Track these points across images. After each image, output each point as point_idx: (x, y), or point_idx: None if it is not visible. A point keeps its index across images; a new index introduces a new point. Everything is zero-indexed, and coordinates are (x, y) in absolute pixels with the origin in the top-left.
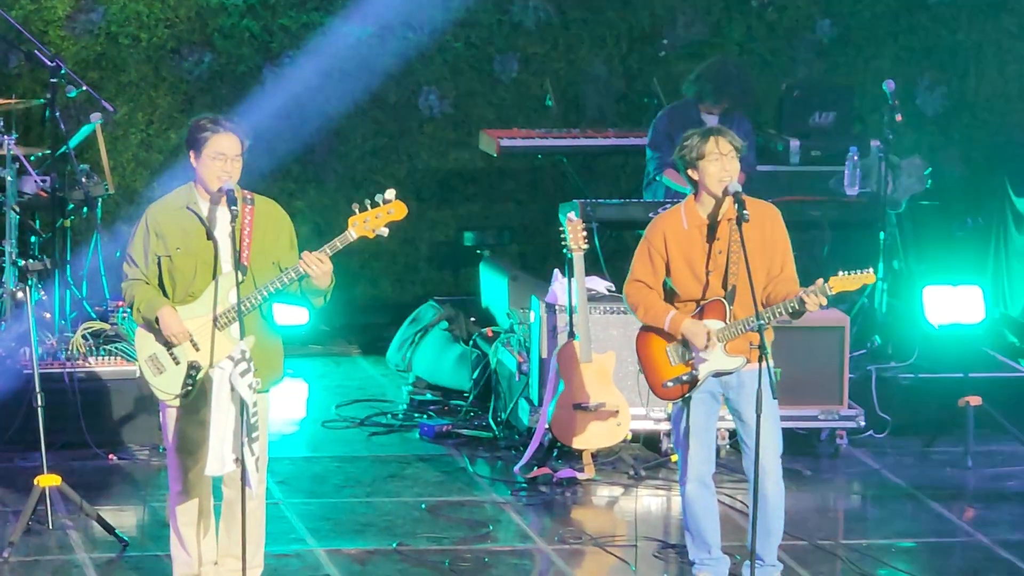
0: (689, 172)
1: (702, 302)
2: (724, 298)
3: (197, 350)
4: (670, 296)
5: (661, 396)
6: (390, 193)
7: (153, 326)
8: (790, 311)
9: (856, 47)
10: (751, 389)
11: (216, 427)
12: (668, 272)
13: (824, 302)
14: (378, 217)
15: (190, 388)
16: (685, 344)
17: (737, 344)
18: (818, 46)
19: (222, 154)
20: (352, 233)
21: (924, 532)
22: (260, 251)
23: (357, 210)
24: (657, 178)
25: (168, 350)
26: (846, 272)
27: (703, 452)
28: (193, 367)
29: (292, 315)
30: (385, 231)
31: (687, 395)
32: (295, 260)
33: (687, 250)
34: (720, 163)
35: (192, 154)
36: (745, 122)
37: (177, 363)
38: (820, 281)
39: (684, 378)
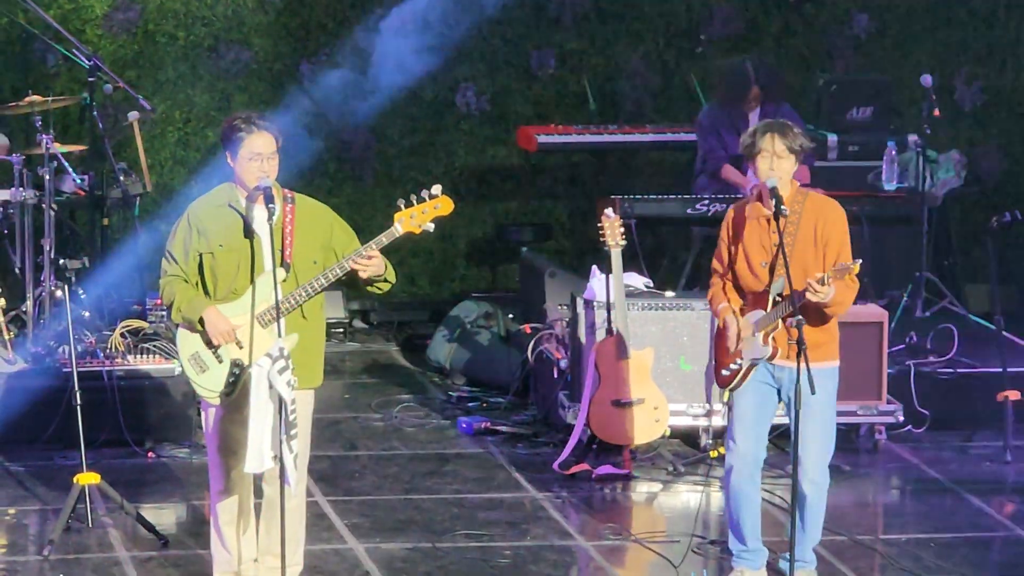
0: (749, 165)
1: (756, 293)
2: (769, 288)
3: (240, 348)
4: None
5: (719, 383)
6: (436, 188)
7: (196, 327)
8: (798, 303)
9: (893, 42)
10: (802, 388)
11: (254, 425)
12: (731, 260)
13: (824, 291)
14: (424, 212)
15: (233, 386)
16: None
17: (778, 335)
18: (855, 41)
19: (258, 154)
20: (399, 228)
21: (963, 527)
22: (302, 250)
23: (403, 206)
24: (713, 176)
25: (211, 348)
26: (834, 268)
27: (751, 445)
28: (236, 365)
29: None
30: (431, 227)
31: (734, 384)
32: (357, 246)
33: (745, 241)
34: (769, 161)
35: (228, 155)
36: (791, 115)
37: (220, 361)
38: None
39: (732, 367)
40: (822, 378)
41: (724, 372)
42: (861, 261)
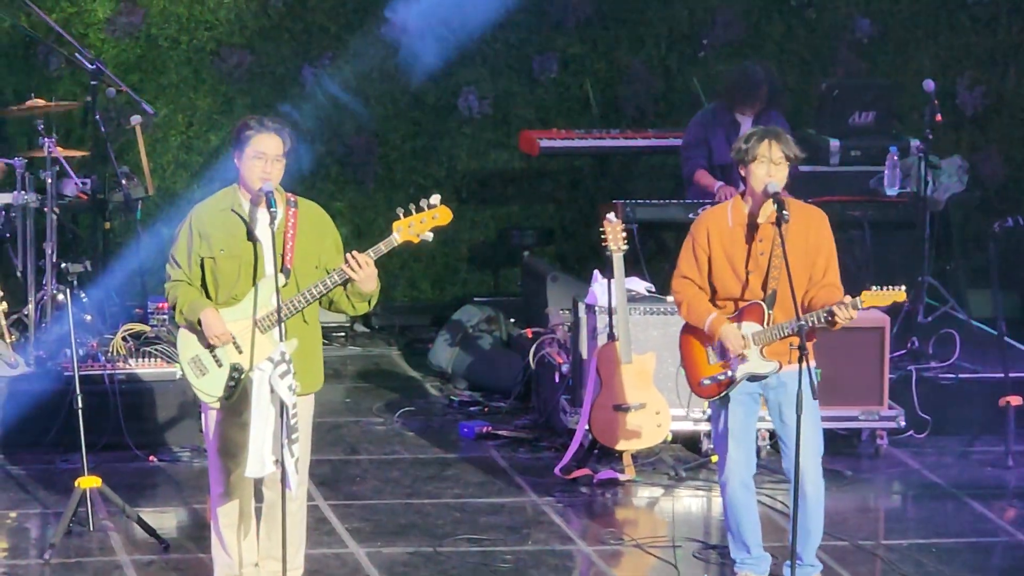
0: (740, 170)
1: (740, 303)
2: (764, 301)
3: (240, 352)
4: (712, 293)
5: (697, 393)
6: (435, 198)
7: (196, 328)
8: (823, 321)
9: (896, 46)
10: (791, 390)
11: (256, 429)
12: (710, 268)
13: (854, 315)
14: (423, 222)
15: (233, 390)
16: (724, 345)
17: (775, 348)
18: (858, 46)
19: (262, 153)
20: (396, 237)
21: (965, 532)
22: (303, 255)
23: (402, 214)
24: (689, 179)
25: (211, 352)
26: (879, 288)
27: (743, 453)
28: (236, 369)
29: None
30: (430, 236)
31: (722, 395)
32: (340, 264)
33: (729, 248)
34: (767, 168)
35: (236, 154)
36: (781, 122)
37: (220, 365)
38: (848, 298)
39: (720, 377)
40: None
41: (706, 382)
42: (904, 288)
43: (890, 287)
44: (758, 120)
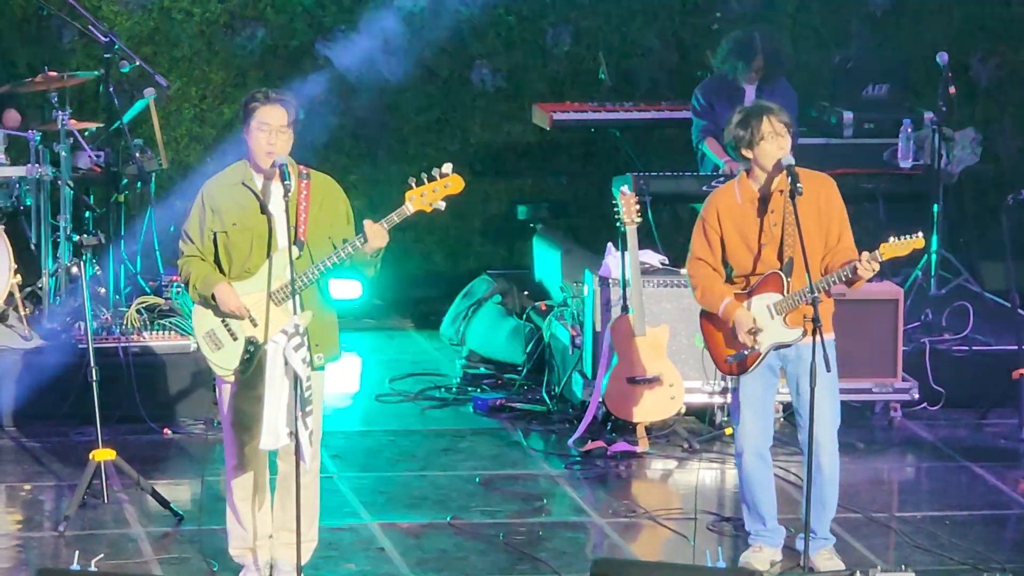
0: (743, 152)
1: (757, 275)
2: (781, 270)
3: (255, 325)
4: (729, 271)
5: (724, 371)
6: (447, 167)
7: (210, 302)
8: (844, 279)
9: (909, 19)
10: (808, 362)
11: (270, 401)
12: (723, 248)
13: (876, 268)
14: (435, 191)
15: (248, 363)
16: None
17: (797, 316)
18: (871, 18)
19: (266, 124)
20: (409, 207)
21: (978, 504)
22: (316, 226)
23: (414, 184)
24: (698, 147)
25: (226, 326)
26: (896, 238)
27: (760, 425)
28: (251, 342)
29: (345, 289)
30: (442, 205)
31: (750, 369)
32: (352, 235)
33: (741, 224)
34: (776, 142)
35: (244, 128)
36: (788, 90)
37: (235, 339)
38: (866, 253)
39: (745, 352)
40: (830, 351)
41: (730, 359)
42: (921, 234)
43: (908, 236)
44: (763, 88)
